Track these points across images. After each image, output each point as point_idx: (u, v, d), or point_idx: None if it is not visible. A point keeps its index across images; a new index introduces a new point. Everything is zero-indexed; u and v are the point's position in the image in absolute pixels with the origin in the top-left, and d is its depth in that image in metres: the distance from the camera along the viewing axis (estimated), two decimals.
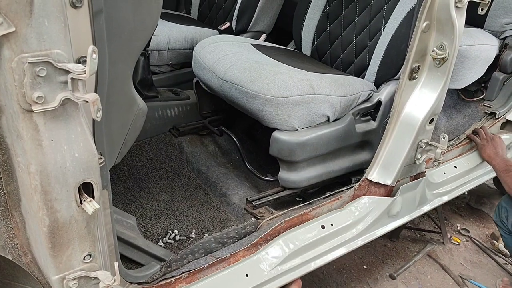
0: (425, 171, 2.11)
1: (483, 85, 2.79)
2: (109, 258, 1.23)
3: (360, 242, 1.92)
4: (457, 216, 3.15)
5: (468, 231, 2.98)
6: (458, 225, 3.04)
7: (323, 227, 1.82)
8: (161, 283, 1.47)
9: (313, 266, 1.77)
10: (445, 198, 2.35)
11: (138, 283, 1.42)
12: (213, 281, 1.54)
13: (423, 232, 2.94)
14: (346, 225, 1.87)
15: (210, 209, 2.06)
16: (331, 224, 1.84)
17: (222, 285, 1.55)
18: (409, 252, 2.78)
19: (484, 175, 2.58)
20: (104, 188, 1.12)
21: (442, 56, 1.74)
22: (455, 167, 2.42)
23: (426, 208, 2.24)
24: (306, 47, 2.45)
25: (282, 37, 2.83)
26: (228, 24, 2.65)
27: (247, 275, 1.59)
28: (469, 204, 3.22)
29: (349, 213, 1.90)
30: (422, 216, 3.03)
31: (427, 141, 1.94)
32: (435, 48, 1.75)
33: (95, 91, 0.97)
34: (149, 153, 2.26)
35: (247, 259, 1.62)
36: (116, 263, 1.12)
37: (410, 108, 1.86)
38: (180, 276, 1.49)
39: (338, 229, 1.85)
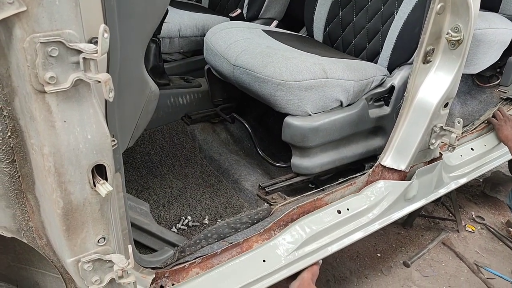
0: (441, 154, 2.08)
1: (498, 70, 2.75)
2: (123, 242, 1.24)
3: (376, 226, 1.90)
4: (471, 204, 3.12)
5: (483, 219, 2.95)
6: (473, 213, 3.01)
7: (339, 211, 1.80)
8: (174, 268, 1.47)
9: (330, 250, 1.76)
10: (463, 181, 2.32)
11: (152, 268, 1.42)
12: (231, 267, 1.54)
13: (437, 220, 2.92)
14: (362, 210, 1.85)
15: (222, 195, 2.06)
16: (347, 209, 1.82)
17: (241, 271, 1.55)
18: (423, 240, 2.76)
19: (502, 156, 2.54)
20: (117, 171, 1.12)
21: (457, 38, 1.71)
22: (472, 149, 2.39)
23: (443, 191, 2.21)
24: (318, 33, 2.43)
25: (293, 23, 2.81)
26: (239, 11, 2.63)
27: (264, 261, 1.59)
28: (484, 192, 3.18)
29: (365, 197, 1.88)
30: (436, 204, 3.01)
31: (442, 126, 1.91)
32: (449, 30, 1.72)
33: (107, 72, 0.96)
34: (161, 141, 2.26)
35: (264, 244, 1.62)
36: (130, 246, 1.12)
37: (424, 92, 1.83)
38: (194, 261, 1.49)
39: (354, 213, 1.83)
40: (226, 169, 2.15)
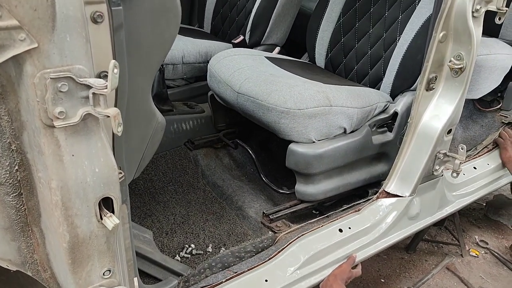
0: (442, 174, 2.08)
1: (499, 94, 2.76)
2: (128, 274, 1.22)
3: (381, 245, 1.89)
4: (475, 227, 3.10)
5: (487, 243, 2.92)
6: (476, 237, 2.99)
7: (340, 230, 1.80)
8: None
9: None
10: (468, 199, 2.32)
11: None
12: (234, 286, 1.53)
13: (441, 245, 2.90)
14: (365, 228, 1.85)
15: (226, 222, 2.05)
16: (349, 228, 1.82)
17: None
18: (427, 265, 2.73)
19: (506, 176, 2.54)
20: (123, 203, 1.12)
21: (459, 66, 1.72)
22: (474, 168, 2.39)
23: (449, 210, 2.21)
24: (320, 59, 2.45)
25: (295, 49, 2.83)
26: (241, 37, 2.65)
27: (266, 280, 1.58)
28: (486, 216, 3.16)
29: (366, 215, 1.88)
30: (439, 228, 2.98)
31: (445, 152, 1.92)
32: (452, 58, 1.74)
33: (115, 106, 0.96)
34: (164, 167, 2.26)
35: (266, 264, 1.62)
36: (135, 279, 1.11)
37: (427, 119, 1.84)
38: None
39: (357, 232, 1.83)
40: (230, 196, 2.15)
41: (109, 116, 0.87)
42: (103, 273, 1.07)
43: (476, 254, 2.83)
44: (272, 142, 2.46)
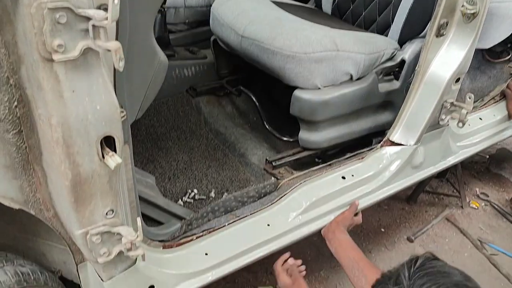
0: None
1: (509, 45, 2.69)
2: (131, 215, 1.23)
3: (383, 193, 1.89)
4: (476, 180, 3.11)
5: (487, 196, 2.94)
6: (477, 189, 3.00)
7: (343, 177, 1.79)
8: (181, 241, 1.46)
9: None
10: (472, 150, 2.31)
11: (159, 241, 1.42)
12: (235, 231, 1.54)
13: (442, 196, 2.91)
14: (368, 176, 1.85)
15: (229, 169, 2.05)
16: (352, 175, 1.81)
17: (245, 235, 1.55)
18: (427, 216, 2.75)
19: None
20: (125, 143, 1.10)
21: (472, 11, 1.66)
22: (480, 118, 2.37)
23: (452, 160, 2.21)
24: (327, 5, 2.37)
25: None
26: None
27: (268, 225, 1.59)
28: (488, 169, 3.16)
29: (370, 163, 1.87)
30: (441, 180, 2.99)
31: (452, 102, 1.88)
32: (465, 3, 1.67)
33: (116, 40, 0.93)
34: (166, 113, 2.23)
35: (268, 209, 1.62)
36: (138, 219, 1.11)
37: (436, 67, 1.80)
38: (201, 234, 1.49)
39: (360, 179, 1.82)
40: (232, 143, 2.13)
41: (110, 50, 0.84)
42: (106, 213, 1.06)
43: (476, 206, 2.84)
44: (276, 89, 2.42)
